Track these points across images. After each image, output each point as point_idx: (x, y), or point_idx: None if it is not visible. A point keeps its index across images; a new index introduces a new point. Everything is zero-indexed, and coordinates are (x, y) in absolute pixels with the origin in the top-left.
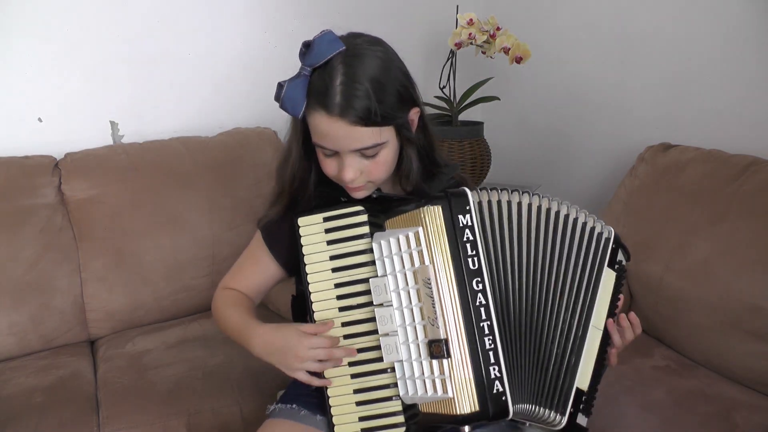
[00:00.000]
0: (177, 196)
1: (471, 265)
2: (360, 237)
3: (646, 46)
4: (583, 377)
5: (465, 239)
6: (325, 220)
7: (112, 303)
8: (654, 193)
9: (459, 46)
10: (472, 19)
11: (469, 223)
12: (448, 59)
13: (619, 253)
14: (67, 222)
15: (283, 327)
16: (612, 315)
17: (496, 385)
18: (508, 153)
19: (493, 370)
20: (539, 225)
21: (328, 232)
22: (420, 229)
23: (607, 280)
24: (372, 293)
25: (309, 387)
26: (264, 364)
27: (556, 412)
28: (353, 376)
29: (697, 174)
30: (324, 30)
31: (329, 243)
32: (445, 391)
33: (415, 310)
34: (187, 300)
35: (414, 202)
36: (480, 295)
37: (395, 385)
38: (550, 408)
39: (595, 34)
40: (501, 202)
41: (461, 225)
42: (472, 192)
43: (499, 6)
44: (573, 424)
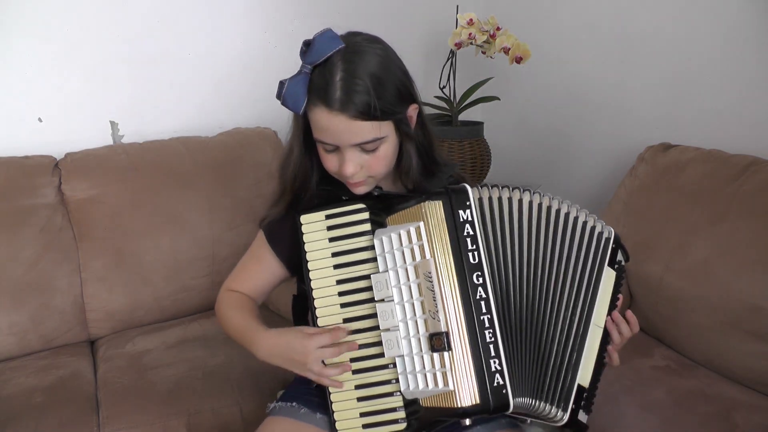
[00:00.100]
0: (177, 196)
1: (471, 260)
2: (362, 234)
3: (646, 46)
4: (585, 374)
5: (465, 234)
6: (327, 217)
7: (112, 303)
8: (654, 193)
9: (459, 46)
10: (472, 19)
11: (470, 219)
12: (448, 59)
13: (619, 254)
14: (67, 222)
15: (287, 331)
16: (611, 314)
17: (497, 378)
18: (508, 153)
19: (494, 363)
20: (539, 222)
21: (330, 229)
22: (421, 223)
23: (608, 279)
24: (373, 289)
25: (310, 386)
26: (264, 363)
27: (557, 407)
28: (355, 372)
29: (697, 174)
30: (324, 29)
31: (331, 240)
32: (446, 384)
33: (416, 304)
34: (187, 300)
35: (415, 198)
36: (480, 289)
37: (397, 381)
38: (551, 403)
39: (595, 34)
40: (501, 198)
41: (461, 220)
42: (472, 189)
43: (499, 6)
44: (574, 421)
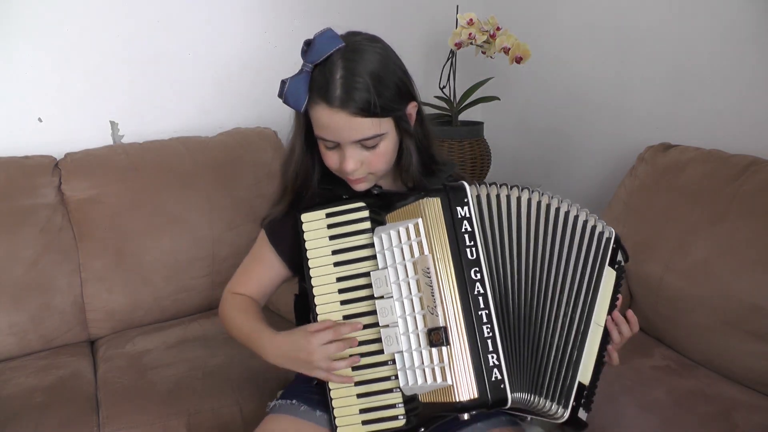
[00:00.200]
0: (177, 196)
1: (469, 255)
2: (362, 232)
3: (646, 46)
4: (585, 372)
5: (463, 230)
6: (328, 216)
7: (112, 303)
8: (654, 193)
9: (459, 46)
10: (472, 19)
11: (468, 215)
12: (448, 59)
13: (619, 254)
14: (67, 222)
15: (292, 332)
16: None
17: (495, 373)
18: (508, 153)
19: (492, 357)
20: (539, 219)
21: (330, 227)
22: (419, 220)
23: (608, 278)
24: (373, 286)
25: (310, 383)
26: (264, 363)
27: (558, 404)
28: (354, 368)
29: (697, 174)
30: (324, 28)
31: (331, 238)
32: (444, 378)
33: (415, 300)
34: (187, 300)
35: (413, 195)
36: (478, 284)
37: (396, 377)
38: (551, 400)
39: (595, 34)
40: (500, 196)
41: (459, 217)
42: (470, 186)
43: (499, 6)
44: (574, 418)
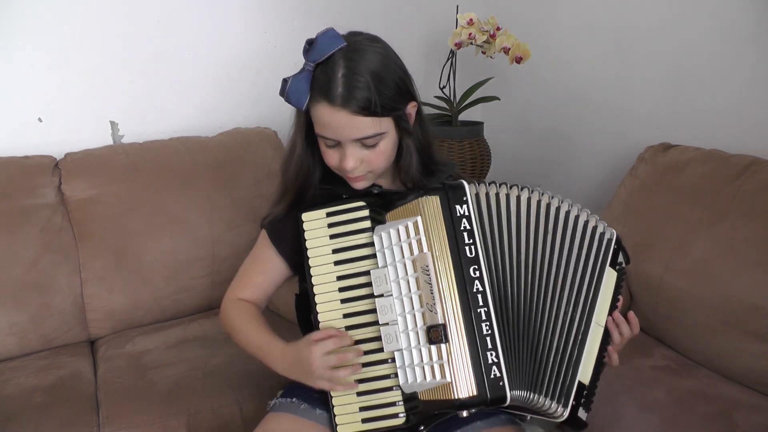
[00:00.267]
0: (177, 196)
1: (468, 253)
2: (362, 231)
3: (646, 46)
4: (585, 372)
5: (462, 228)
6: (328, 215)
7: (112, 303)
8: (654, 193)
9: (459, 46)
10: (472, 19)
11: (466, 213)
12: (448, 59)
13: (620, 255)
14: (67, 222)
15: (297, 342)
16: (611, 315)
17: (494, 370)
18: (508, 153)
19: (491, 355)
20: (539, 219)
21: (331, 226)
22: (418, 218)
23: (609, 279)
24: (373, 284)
25: None
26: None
27: (558, 402)
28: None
29: (697, 174)
30: (326, 28)
31: (332, 237)
32: (443, 375)
33: (414, 297)
34: (187, 300)
35: (413, 194)
36: (477, 282)
37: (396, 376)
38: (551, 398)
39: (595, 34)
40: (499, 195)
41: (458, 215)
42: (470, 185)
43: (499, 6)
44: (574, 418)
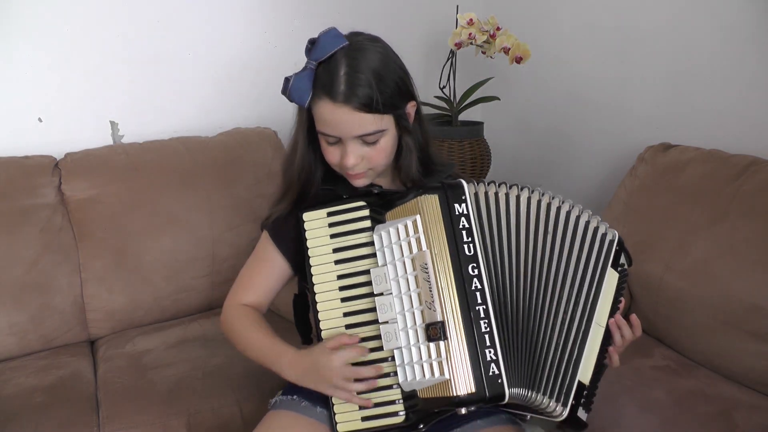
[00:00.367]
0: (177, 196)
1: (467, 251)
2: (362, 230)
3: (646, 45)
4: (585, 371)
5: (461, 227)
6: (329, 215)
7: (112, 303)
8: (654, 193)
9: (459, 46)
10: (472, 19)
11: (465, 212)
12: (448, 59)
13: (622, 257)
14: (67, 222)
15: (312, 349)
16: (613, 316)
17: (492, 368)
18: (508, 153)
19: (489, 352)
20: (539, 218)
21: (331, 226)
22: (417, 216)
23: (610, 280)
24: (372, 283)
25: None
26: None
27: (557, 401)
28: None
29: (697, 174)
30: (328, 27)
31: (332, 237)
32: (442, 373)
33: (414, 296)
34: (187, 300)
35: (412, 193)
36: (476, 280)
37: (395, 374)
38: (550, 397)
39: (595, 34)
40: (498, 194)
41: (457, 213)
42: (469, 184)
43: (499, 6)
44: (574, 417)
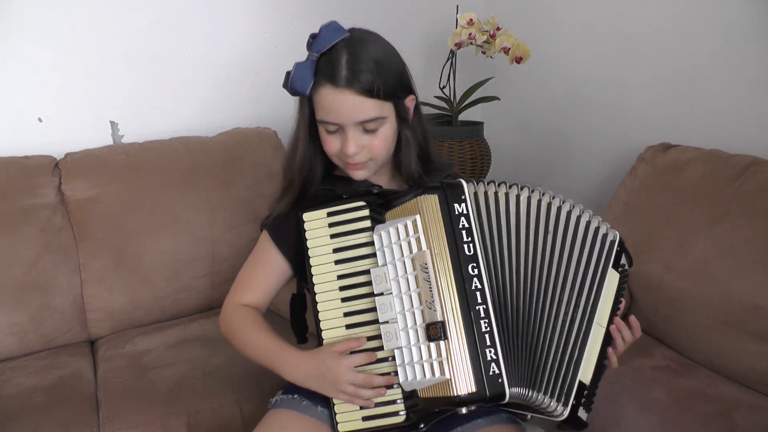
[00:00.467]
0: (177, 196)
1: (467, 251)
2: (362, 230)
3: (646, 46)
4: (586, 371)
5: (460, 226)
6: (329, 215)
7: (112, 303)
8: (654, 193)
9: (459, 46)
10: (472, 19)
11: (465, 212)
12: (448, 59)
13: (623, 257)
14: (67, 222)
15: (318, 352)
16: (614, 317)
17: (492, 367)
18: (508, 153)
19: (489, 352)
20: (539, 218)
21: (331, 226)
22: (417, 216)
23: (611, 280)
24: (372, 283)
25: None
26: None
27: (558, 401)
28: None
29: (697, 174)
30: (329, 21)
31: (332, 237)
32: (442, 372)
33: (414, 295)
34: (187, 300)
35: (412, 192)
36: (476, 279)
37: (396, 374)
38: (551, 396)
39: (595, 34)
40: (498, 194)
41: (457, 213)
42: (468, 183)
43: (499, 6)
44: (574, 417)
